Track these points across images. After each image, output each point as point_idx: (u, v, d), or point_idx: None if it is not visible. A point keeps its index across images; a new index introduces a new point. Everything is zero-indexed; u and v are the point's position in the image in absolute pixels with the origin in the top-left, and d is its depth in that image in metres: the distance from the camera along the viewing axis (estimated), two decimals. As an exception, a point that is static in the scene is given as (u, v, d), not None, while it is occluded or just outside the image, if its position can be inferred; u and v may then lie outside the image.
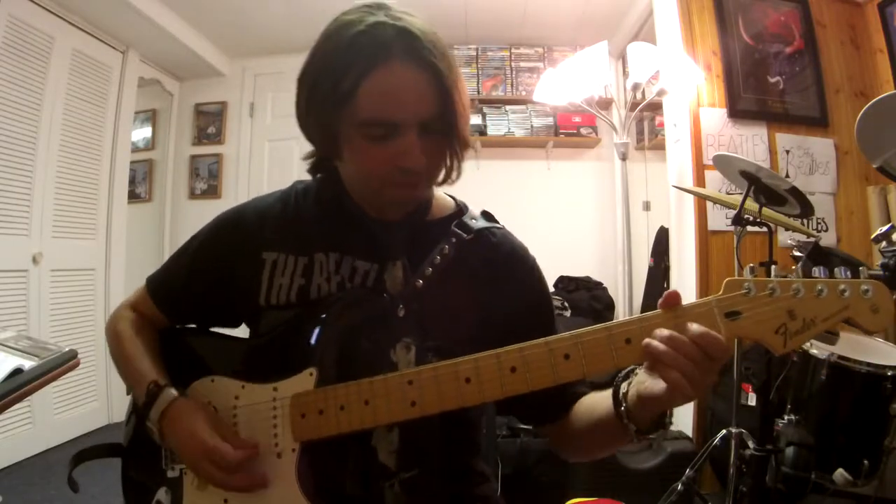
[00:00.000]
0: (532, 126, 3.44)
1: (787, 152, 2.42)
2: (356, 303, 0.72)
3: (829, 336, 0.58)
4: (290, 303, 0.75)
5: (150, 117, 3.71)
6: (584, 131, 3.44)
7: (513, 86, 3.51)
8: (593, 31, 3.23)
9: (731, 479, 1.62)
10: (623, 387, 0.63)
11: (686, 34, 2.43)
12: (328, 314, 0.70)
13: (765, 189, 1.63)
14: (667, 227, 2.85)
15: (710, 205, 2.29)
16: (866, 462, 1.43)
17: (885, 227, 1.23)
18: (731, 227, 1.72)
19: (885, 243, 1.21)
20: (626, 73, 3.11)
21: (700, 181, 2.33)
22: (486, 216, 0.83)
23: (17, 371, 0.76)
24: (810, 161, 2.44)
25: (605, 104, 3.14)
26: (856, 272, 0.57)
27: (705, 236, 2.31)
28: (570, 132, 3.43)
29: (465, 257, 0.76)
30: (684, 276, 2.43)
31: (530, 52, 3.54)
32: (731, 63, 2.42)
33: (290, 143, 3.50)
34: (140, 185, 3.66)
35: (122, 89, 3.09)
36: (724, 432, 1.70)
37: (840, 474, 1.41)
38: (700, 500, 1.77)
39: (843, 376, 1.48)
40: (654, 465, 1.95)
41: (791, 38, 2.50)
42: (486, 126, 3.40)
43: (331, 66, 0.65)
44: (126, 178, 3.19)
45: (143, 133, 3.70)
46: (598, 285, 3.23)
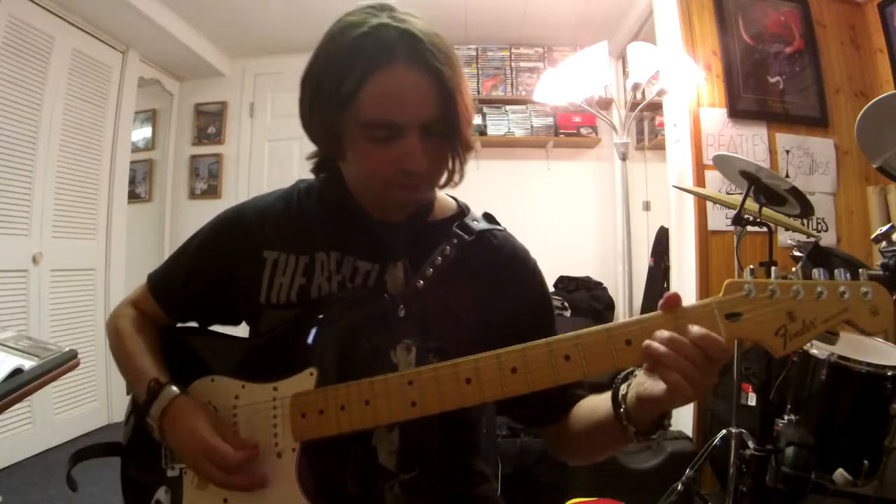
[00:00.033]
0: (532, 126, 3.43)
1: (787, 152, 2.42)
2: (357, 303, 0.72)
3: (830, 336, 0.58)
4: (290, 302, 0.75)
5: (150, 117, 3.71)
6: (584, 131, 3.44)
7: (513, 86, 3.51)
8: (593, 31, 3.22)
9: (731, 479, 1.62)
10: (622, 388, 0.63)
11: (686, 34, 2.43)
12: (329, 314, 0.70)
13: (765, 189, 1.63)
14: (667, 227, 2.85)
15: (710, 205, 2.29)
16: (866, 462, 1.43)
17: (885, 227, 1.23)
18: (731, 227, 1.72)
19: (885, 243, 1.22)
20: (626, 73, 3.11)
21: (700, 181, 2.33)
22: (488, 218, 0.83)
23: (17, 371, 0.77)
24: (810, 161, 2.44)
25: (605, 104, 3.14)
26: (855, 274, 0.57)
27: (705, 236, 2.31)
28: (570, 132, 3.43)
29: (466, 258, 0.76)
30: (684, 276, 2.43)
31: (530, 52, 3.54)
32: (731, 63, 2.42)
33: (290, 143, 3.51)
34: (140, 185, 3.66)
35: (122, 89, 3.09)
36: (724, 432, 1.70)
37: (840, 474, 1.41)
38: (700, 500, 1.77)
39: (843, 376, 1.48)
40: (654, 465, 1.95)
41: (791, 38, 2.50)
42: (486, 126, 3.40)
43: (334, 67, 0.65)
44: (126, 178, 3.20)
45: (143, 133, 3.70)
46: (598, 285, 3.23)
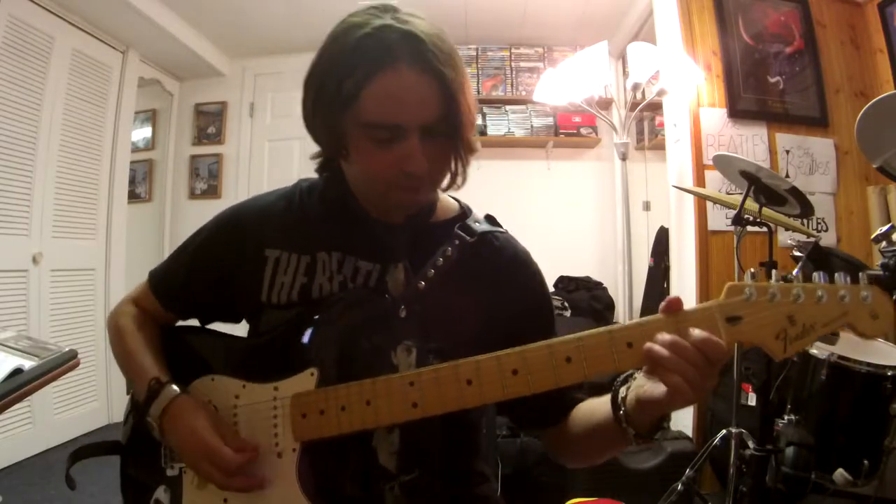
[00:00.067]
0: (532, 126, 3.43)
1: (787, 152, 2.42)
2: (358, 303, 0.72)
3: (830, 336, 0.58)
4: (291, 301, 0.75)
5: (150, 117, 3.71)
6: (584, 131, 3.43)
7: (513, 86, 3.50)
8: (593, 31, 3.22)
9: (731, 479, 1.62)
10: (622, 391, 0.63)
11: (686, 34, 2.43)
12: (330, 314, 0.70)
13: (765, 189, 1.63)
14: (667, 227, 2.84)
15: (710, 205, 2.29)
16: (866, 462, 1.42)
17: (885, 227, 1.23)
18: (731, 227, 1.72)
19: (885, 243, 1.22)
20: (626, 73, 3.11)
21: (700, 181, 2.33)
22: (490, 220, 0.83)
23: (17, 371, 0.77)
24: (810, 161, 2.44)
25: (605, 104, 3.14)
26: (855, 277, 0.57)
27: (705, 236, 2.31)
28: (570, 132, 3.43)
29: (467, 260, 0.76)
30: (684, 275, 2.43)
31: (530, 52, 3.54)
32: (731, 63, 2.42)
33: (290, 143, 3.51)
34: (140, 185, 3.66)
35: (122, 89, 3.09)
36: (724, 432, 1.70)
37: (840, 474, 1.41)
38: (700, 500, 1.77)
39: (843, 376, 1.48)
40: (654, 465, 1.95)
41: (791, 38, 2.50)
42: (486, 126, 3.40)
43: (336, 68, 0.66)
44: (126, 178, 3.19)
45: (143, 133, 3.70)
46: (598, 285, 3.23)
